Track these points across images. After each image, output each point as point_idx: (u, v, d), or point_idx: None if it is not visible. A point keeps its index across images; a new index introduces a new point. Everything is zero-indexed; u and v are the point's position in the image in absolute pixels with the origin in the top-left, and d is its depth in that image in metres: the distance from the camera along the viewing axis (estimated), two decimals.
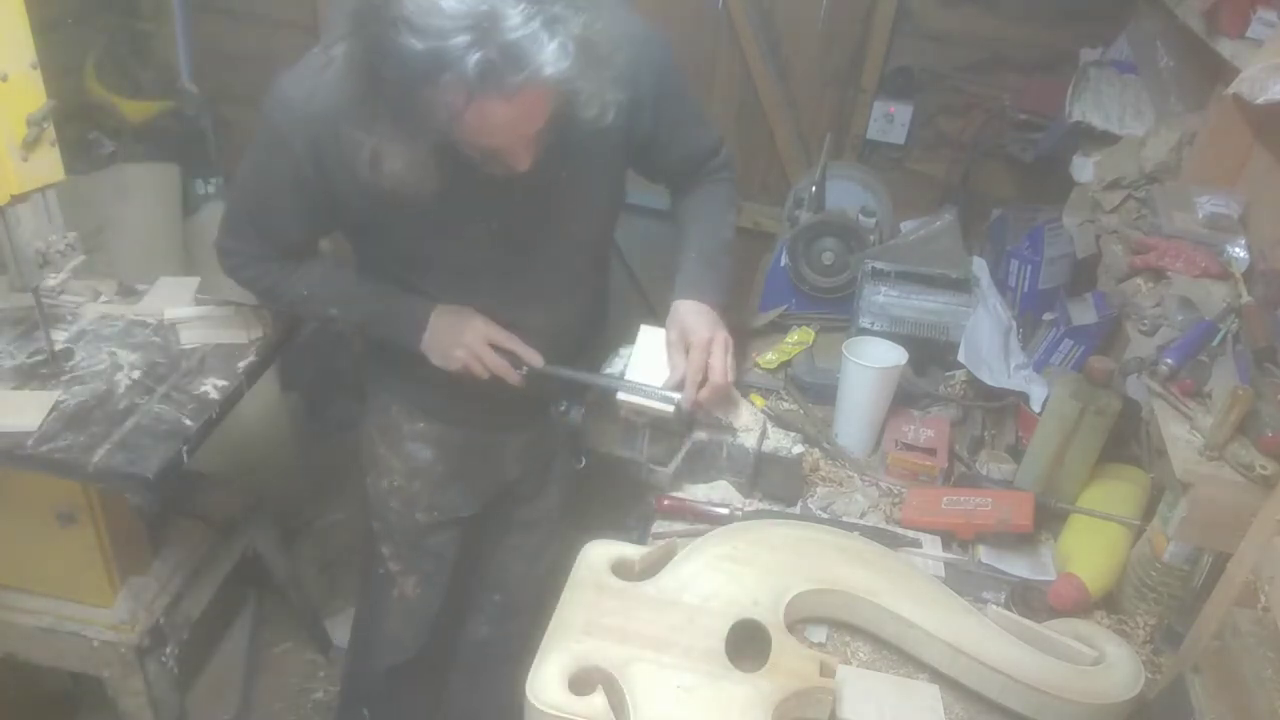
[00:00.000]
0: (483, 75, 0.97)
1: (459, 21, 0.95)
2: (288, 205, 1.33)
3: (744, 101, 2.63)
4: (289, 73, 1.24)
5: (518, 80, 0.98)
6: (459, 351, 1.40)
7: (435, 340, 1.41)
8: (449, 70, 0.96)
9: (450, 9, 0.95)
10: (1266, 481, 1.11)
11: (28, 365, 1.52)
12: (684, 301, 1.43)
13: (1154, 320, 1.42)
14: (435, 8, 0.95)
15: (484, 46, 0.96)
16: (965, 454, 1.58)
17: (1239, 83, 1.28)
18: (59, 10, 2.56)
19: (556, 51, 0.98)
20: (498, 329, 1.42)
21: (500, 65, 0.97)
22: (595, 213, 1.47)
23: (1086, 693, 1.09)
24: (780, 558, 1.24)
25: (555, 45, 0.98)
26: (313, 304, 1.47)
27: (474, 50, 0.95)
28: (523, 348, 1.43)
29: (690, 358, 1.36)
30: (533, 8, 0.97)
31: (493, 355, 1.41)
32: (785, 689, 1.04)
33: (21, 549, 1.58)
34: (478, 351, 1.40)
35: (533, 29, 0.97)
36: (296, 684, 2.32)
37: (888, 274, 1.78)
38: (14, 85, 1.28)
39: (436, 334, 1.41)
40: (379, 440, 1.63)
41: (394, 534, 1.69)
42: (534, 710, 1.01)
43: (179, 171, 2.66)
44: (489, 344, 1.41)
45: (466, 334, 1.40)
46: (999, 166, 2.52)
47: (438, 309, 1.41)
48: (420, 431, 1.60)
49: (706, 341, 1.36)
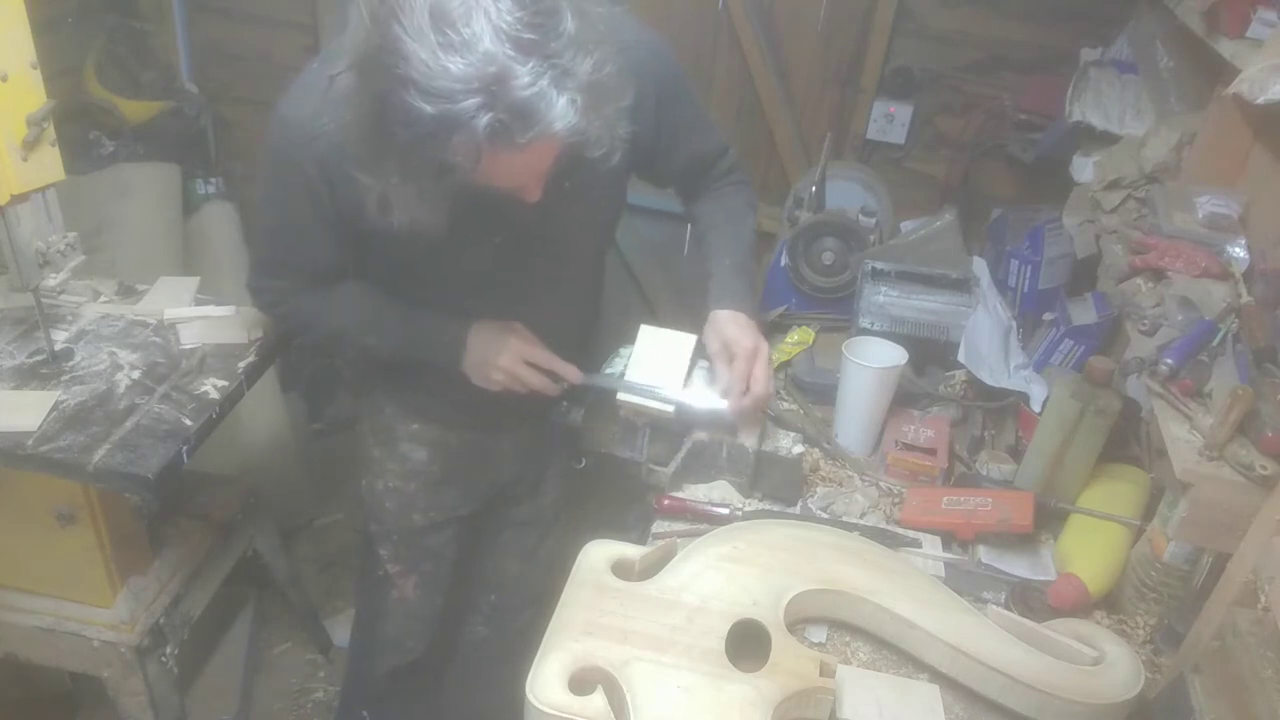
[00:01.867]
0: (493, 135, 0.96)
1: (468, 85, 0.93)
2: (313, 228, 1.30)
3: (744, 101, 2.63)
4: (286, 96, 1.23)
5: (527, 138, 0.98)
6: (497, 375, 1.39)
7: (473, 361, 1.40)
8: (459, 132, 0.96)
9: (458, 73, 0.93)
10: (1266, 481, 1.11)
11: (28, 365, 1.52)
12: (721, 311, 1.42)
13: (1154, 320, 1.42)
14: (443, 71, 0.93)
15: (494, 108, 0.94)
16: (965, 454, 1.58)
17: (1239, 83, 1.28)
18: (59, 10, 2.57)
19: (565, 107, 0.97)
20: (534, 347, 1.40)
21: (510, 124, 0.96)
22: (599, 220, 1.47)
23: (1086, 693, 1.08)
24: (780, 558, 1.23)
25: (564, 101, 0.97)
26: (350, 335, 1.46)
27: (484, 112, 0.94)
28: (560, 364, 1.41)
29: (735, 367, 1.36)
30: (541, 64, 0.96)
31: (531, 374, 1.40)
32: (785, 689, 1.04)
33: (21, 549, 1.58)
34: (516, 372, 1.39)
35: (541, 87, 0.96)
36: (296, 684, 2.32)
37: (888, 274, 1.78)
38: (14, 85, 1.28)
39: (474, 354, 1.40)
40: (373, 442, 1.63)
41: (392, 535, 1.69)
42: (534, 710, 1.01)
43: (179, 171, 2.66)
44: (526, 362, 1.40)
45: (504, 356, 1.38)
46: (999, 166, 2.52)
47: (474, 328, 1.40)
48: (414, 433, 1.60)
49: (751, 351, 1.36)
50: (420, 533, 1.68)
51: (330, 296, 1.43)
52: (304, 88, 1.22)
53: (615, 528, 1.69)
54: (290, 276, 1.41)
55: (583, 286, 1.56)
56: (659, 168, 1.47)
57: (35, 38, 1.30)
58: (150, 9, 2.81)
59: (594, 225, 1.47)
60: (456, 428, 1.60)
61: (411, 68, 0.93)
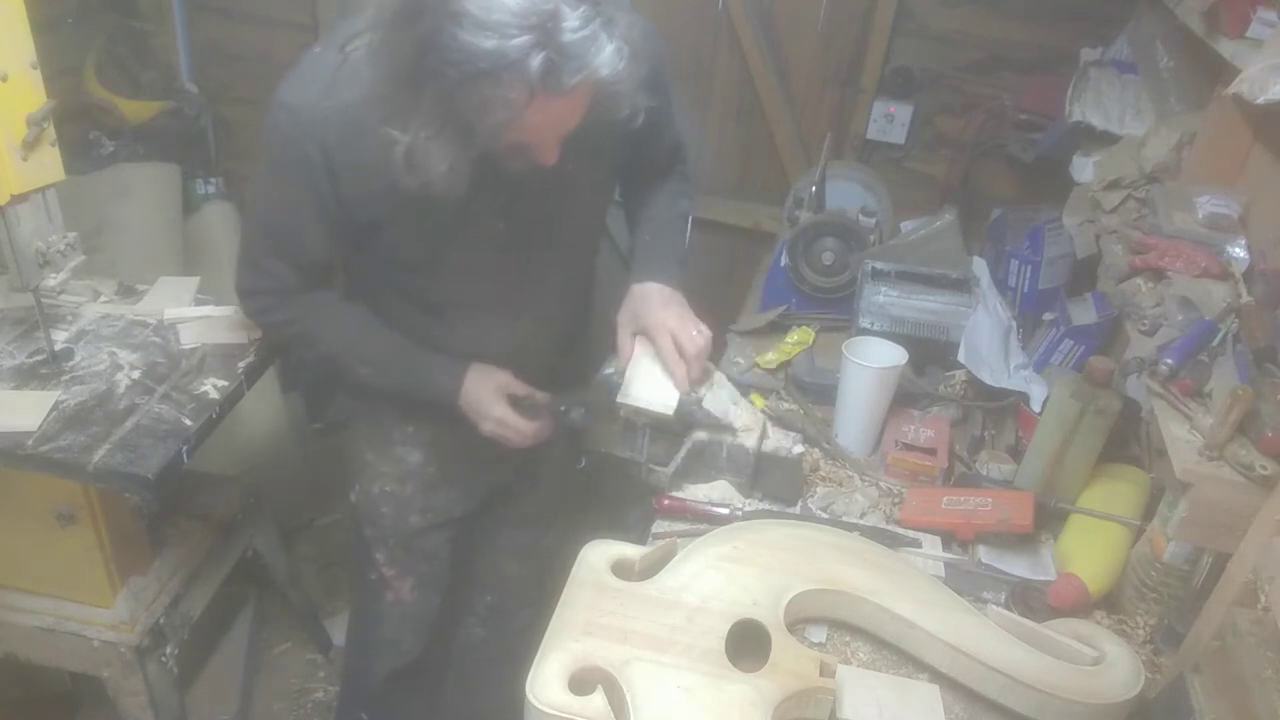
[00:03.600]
0: (544, 75, 0.97)
1: (525, 20, 0.95)
2: (308, 219, 1.29)
3: (744, 101, 2.63)
4: (287, 82, 1.22)
5: (575, 80, 0.99)
6: (487, 425, 1.43)
7: (468, 404, 1.43)
8: (511, 69, 0.96)
9: (516, 6, 0.94)
10: (1266, 481, 1.11)
11: (28, 365, 1.52)
12: (637, 285, 1.43)
13: (1154, 320, 1.42)
14: (500, 4, 0.94)
15: (546, 46, 0.96)
16: (965, 454, 1.58)
17: (1239, 83, 1.28)
18: (59, 10, 2.57)
19: (613, 54, 1.00)
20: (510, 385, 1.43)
21: (560, 65, 0.97)
22: (596, 204, 1.48)
23: (1086, 693, 1.08)
24: (780, 558, 1.23)
25: (612, 48, 1.00)
26: (344, 359, 1.47)
27: (537, 50, 0.96)
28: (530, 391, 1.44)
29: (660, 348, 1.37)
30: (591, 10, 0.98)
31: (520, 422, 1.43)
32: (785, 689, 1.04)
33: (21, 549, 1.58)
34: (506, 422, 1.43)
35: (593, 30, 0.98)
36: (296, 684, 2.32)
37: (888, 274, 1.78)
38: (14, 85, 1.28)
39: (468, 401, 1.43)
40: (367, 446, 1.63)
41: (388, 540, 1.68)
42: (534, 710, 1.01)
43: (179, 171, 2.66)
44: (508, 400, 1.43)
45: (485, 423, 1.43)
46: (999, 166, 2.52)
47: (469, 375, 1.42)
48: (409, 435, 1.59)
49: (660, 324, 1.37)
50: (417, 535, 1.67)
51: (328, 314, 1.43)
52: (307, 72, 1.21)
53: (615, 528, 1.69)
54: (278, 278, 1.38)
55: (577, 278, 1.57)
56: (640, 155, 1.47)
57: (35, 38, 1.30)
58: (150, 9, 2.81)
59: (593, 210, 1.48)
60: (450, 426, 1.59)
61: (467, 1, 0.94)
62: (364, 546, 1.71)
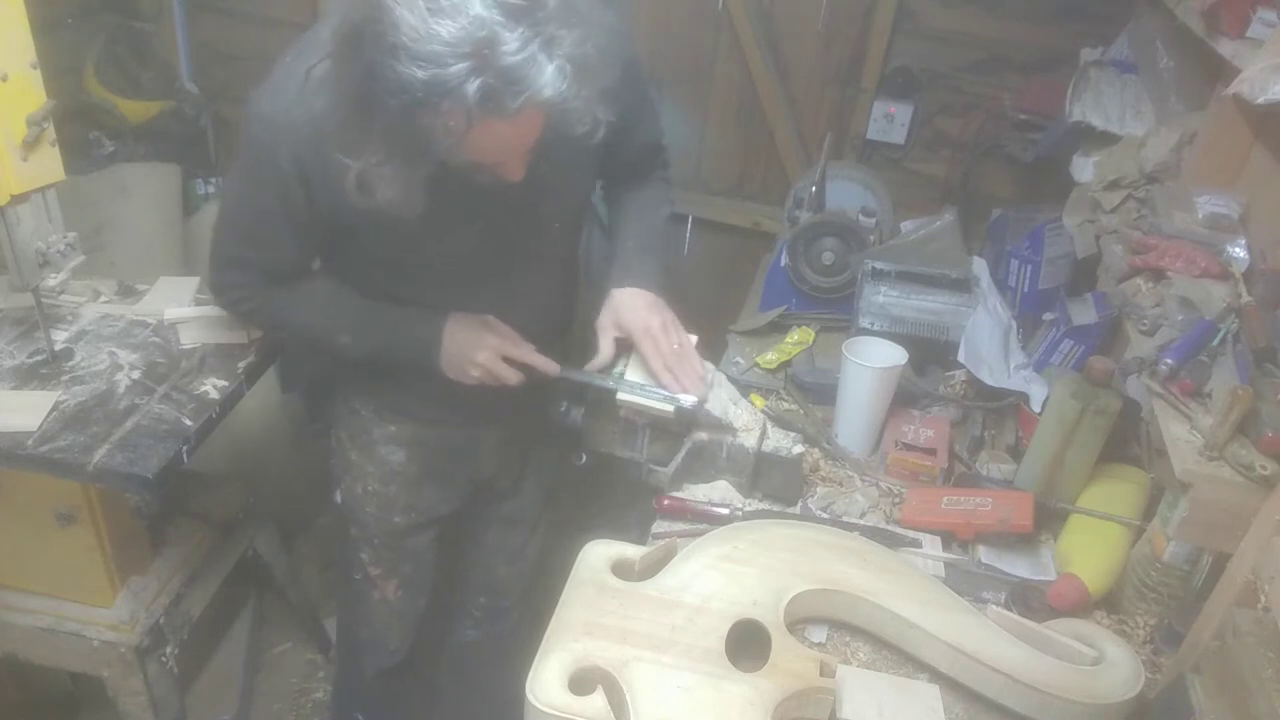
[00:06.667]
0: (483, 100, 0.96)
1: (458, 48, 0.94)
2: (281, 223, 1.30)
3: (744, 101, 2.64)
4: (262, 90, 1.22)
5: (517, 104, 0.98)
6: (474, 371, 1.39)
7: (450, 357, 1.40)
8: (449, 97, 0.96)
9: (449, 36, 0.94)
10: (1266, 481, 1.11)
11: (28, 365, 1.51)
12: (619, 290, 1.43)
13: (1154, 320, 1.42)
14: (433, 35, 0.94)
15: (484, 73, 0.95)
16: (965, 454, 1.58)
17: (1239, 83, 1.27)
18: (59, 10, 2.57)
19: (555, 74, 0.98)
20: (511, 341, 1.40)
21: (500, 90, 0.96)
22: (574, 203, 1.48)
23: (1086, 693, 1.09)
24: (780, 558, 1.24)
25: (553, 68, 0.98)
26: (321, 334, 1.45)
27: (474, 77, 0.95)
28: (538, 359, 1.41)
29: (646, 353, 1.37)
30: (530, 30, 0.96)
31: (508, 370, 1.39)
32: (785, 689, 1.04)
33: (21, 549, 1.58)
34: (493, 369, 1.39)
35: (531, 52, 0.96)
36: (296, 684, 2.32)
37: (888, 274, 1.78)
38: (14, 85, 1.27)
39: (450, 350, 1.39)
40: (350, 446, 1.62)
41: (373, 539, 1.68)
42: (534, 710, 1.01)
43: (179, 171, 2.66)
44: (503, 357, 1.39)
45: (481, 353, 1.38)
46: (999, 166, 2.52)
47: (449, 322, 1.39)
48: (391, 434, 1.58)
49: (644, 330, 1.37)
50: (402, 534, 1.67)
51: (299, 294, 1.43)
52: (278, 83, 1.21)
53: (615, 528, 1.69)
54: (249, 273, 1.39)
55: (559, 272, 1.56)
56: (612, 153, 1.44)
57: (35, 38, 1.30)
58: (150, 9, 2.81)
59: (570, 208, 1.47)
60: (433, 425, 1.59)
61: (401, 34, 0.94)
62: (349, 546, 1.71)
